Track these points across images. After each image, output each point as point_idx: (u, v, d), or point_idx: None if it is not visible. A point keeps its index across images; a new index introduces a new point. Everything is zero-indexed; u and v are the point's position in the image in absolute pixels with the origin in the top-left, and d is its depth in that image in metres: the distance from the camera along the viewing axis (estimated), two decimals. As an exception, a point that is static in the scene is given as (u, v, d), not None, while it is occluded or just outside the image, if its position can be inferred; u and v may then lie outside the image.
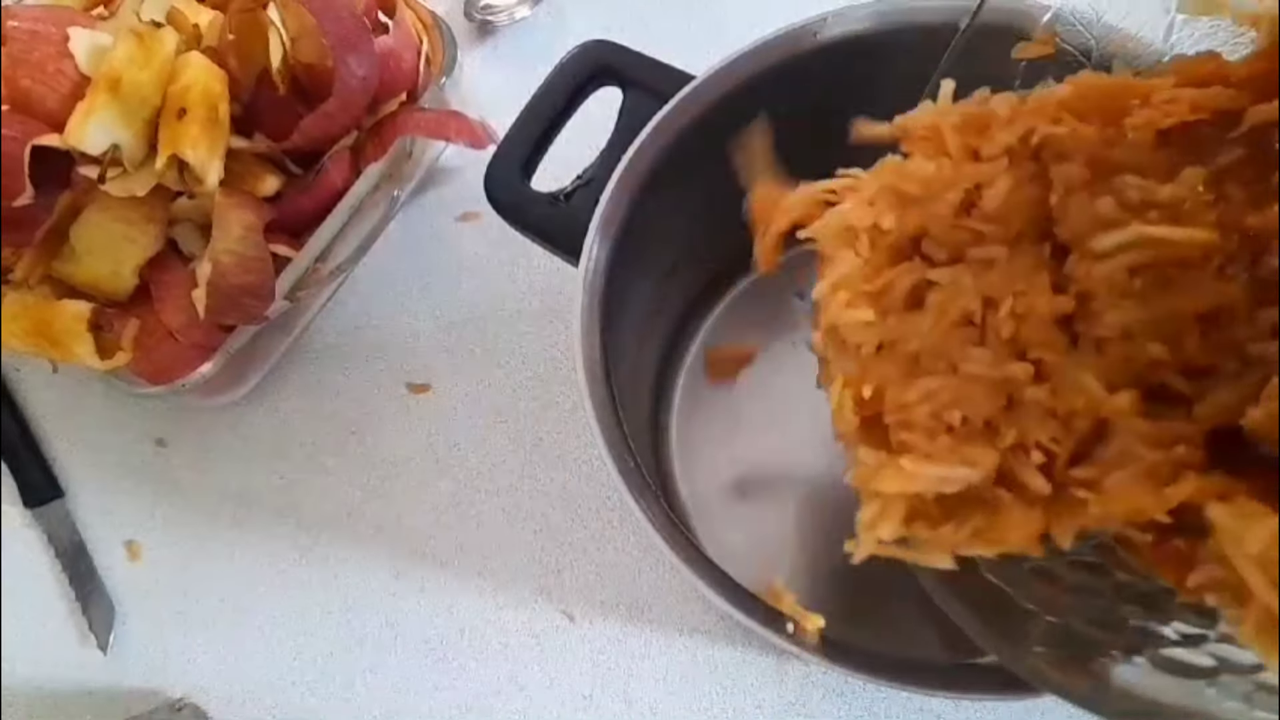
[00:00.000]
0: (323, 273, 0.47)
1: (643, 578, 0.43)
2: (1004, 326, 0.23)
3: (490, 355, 0.49)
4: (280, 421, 0.49)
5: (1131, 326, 0.22)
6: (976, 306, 0.23)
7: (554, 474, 0.46)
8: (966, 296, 0.23)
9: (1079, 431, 0.22)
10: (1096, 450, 0.22)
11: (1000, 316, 0.23)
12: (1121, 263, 0.22)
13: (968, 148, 0.25)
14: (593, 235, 0.35)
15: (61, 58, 0.41)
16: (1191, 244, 0.22)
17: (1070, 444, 0.22)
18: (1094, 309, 0.23)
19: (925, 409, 0.23)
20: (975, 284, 0.23)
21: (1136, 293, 0.22)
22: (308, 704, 0.43)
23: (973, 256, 0.24)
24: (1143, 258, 0.22)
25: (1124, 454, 0.22)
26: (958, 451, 0.23)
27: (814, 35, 0.36)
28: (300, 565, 0.46)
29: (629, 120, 0.38)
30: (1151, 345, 0.22)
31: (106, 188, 0.41)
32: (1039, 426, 0.22)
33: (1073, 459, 0.23)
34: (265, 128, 0.45)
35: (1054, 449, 0.23)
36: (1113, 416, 0.22)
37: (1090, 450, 0.22)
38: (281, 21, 0.43)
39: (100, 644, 0.45)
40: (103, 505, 0.49)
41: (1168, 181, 0.23)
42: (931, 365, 0.23)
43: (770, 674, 0.41)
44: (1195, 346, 0.22)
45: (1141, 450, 0.22)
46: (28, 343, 0.42)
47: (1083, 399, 0.22)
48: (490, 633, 0.43)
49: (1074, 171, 0.23)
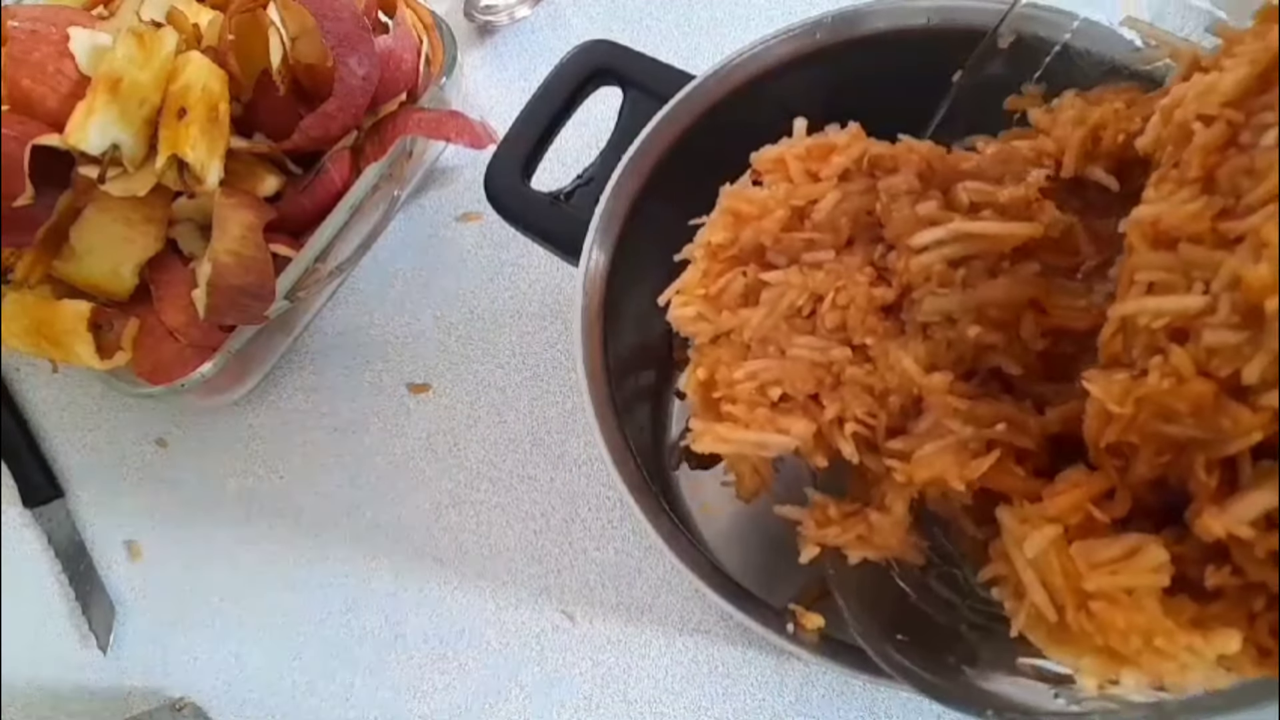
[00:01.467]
0: (323, 273, 0.47)
1: (643, 578, 0.43)
2: (829, 316, 0.27)
3: (490, 355, 0.49)
4: (280, 421, 0.49)
5: (953, 312, 0.26)
6: (804, 301, 0.27)
7: (554, 474, 0.46)
8: (794, 292, 0.28)
9: (894, 407, 0.26)
10: (912, 425, 0.26)
11: (824, 309, 0.27)
12: (940, 255, 0.26)
13: (809, 172, 0.29)
14: (593, 235, 0.35)
15: (61, 58, 0.41)
16: (1013, 237, 0.25)
17: (885, 418, 0.26)
18: (914, 298, 0.26)
19: (749, 386, 0.27)
20: (803, 282, 0.28)
21: (959, 282, 0.26)
22: (308, 704, 0.43)
23: (805, 260, 0.28)
24: (964, 250, 0.26)
25: (935, 428, 0.25)
26: (774, 421, 0.27)
27: (814, 35, 0.36)
28: (300, 565, 0.46)
29: (629, 120, 0.38)
30: (971, 328, 0.25)
31: (106, 188, 0.41)
32: (856, 401, 0.26)
33: (891, 433, 0.26)
34: (265, 128, 0.45)
35: (871, 422, 0.26)
36: (927, 394, 0.25)
37: (908, 425, 0.26)
38: (281, 21, 0.43)
39: (100, 644, 0.45)
40: (103, 505, 0.49)
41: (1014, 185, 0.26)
42: (761, 351, 0.27)
43: (770, 674, 0.41)
44: (1032, 334, 0.25)
45: (953, 425, 0.25)
46: (28, 342, 0.42)
47: (897, 377, 0.26)
48: (490, 633, 0.43)
49: (898, 182, 0.27)
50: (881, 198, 0.28)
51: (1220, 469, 0.20)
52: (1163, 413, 0.21)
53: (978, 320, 0.25)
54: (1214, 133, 0.21)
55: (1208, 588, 0.21)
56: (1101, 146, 0.27)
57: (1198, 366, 0.20)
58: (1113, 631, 0.20)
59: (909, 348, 0.26)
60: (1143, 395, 0.21)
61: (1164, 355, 0.21)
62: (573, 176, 0.39)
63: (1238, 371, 0.19)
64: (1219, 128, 0.21)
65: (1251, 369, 0.19)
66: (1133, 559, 0.21)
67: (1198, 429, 0.20)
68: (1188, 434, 0.20)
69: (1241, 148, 0.21)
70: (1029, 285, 0.26)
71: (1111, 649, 0.21)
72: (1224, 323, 0.20)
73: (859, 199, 0.28)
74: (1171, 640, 0.20)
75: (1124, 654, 0.20)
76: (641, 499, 0.31)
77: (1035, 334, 0.26)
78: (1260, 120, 0.21)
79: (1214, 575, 0.20)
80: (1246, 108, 0.21)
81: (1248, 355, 0.19)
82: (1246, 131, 0.21)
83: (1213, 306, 0.20)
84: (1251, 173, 0.20)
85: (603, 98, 0.40)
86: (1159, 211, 0.22)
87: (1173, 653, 0.20)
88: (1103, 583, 0.21)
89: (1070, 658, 0.21)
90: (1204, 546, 0.21)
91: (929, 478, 0.25)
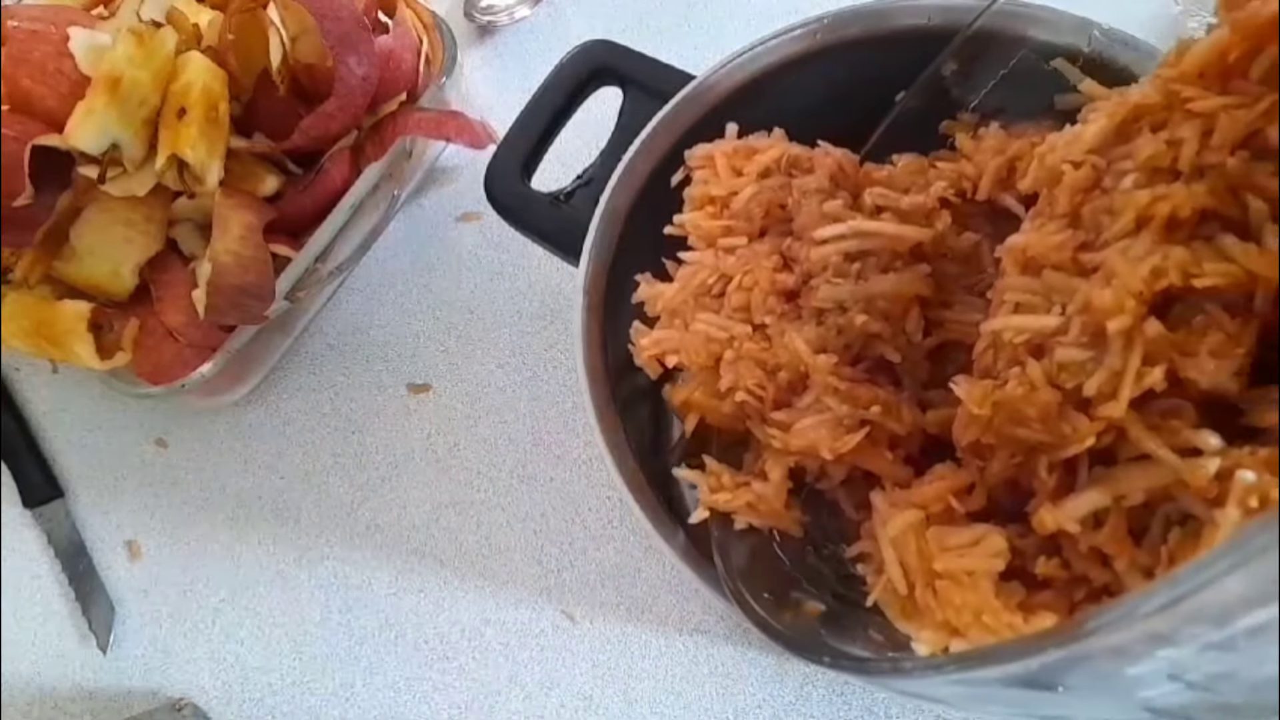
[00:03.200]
0: (322, 273, 0.47)
1: (642, 578, 0.43)
2: (735, 297, 0.30)
3: (490, 355, 0.49)
4: (281, 421, 0.49)
5: (845, 301, 0.29)
6: (714, 280, 0.31)
7: (554, 474, 0.46)
8: (705, 272, 0.31)
9: (782, 382, 0.29)
10: (796, 400, 0.29)
11: (731, 288, 0.30)
12: (839, 249, 0.29)
13: (733, 168, 0.32)
14: (593, 236, 0.35)
15: (61, 58, 0.41)
16: (906, 239, 0.29)
17: (774, 391, 0.29)
18: (812, 285, 0.29)
19: (652, 353, 0.31)
20: (714, 264, 0.31)
21: (853, 274, 0.29)
22: (308, 704, 0.43)
23: (720, 245, 0.31)
24: (860, 246, 0.29)
25: (815, 404, 0.28)
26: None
27: (814, 35, 0.36)
28: (300, 565, 0.46)
29: (629, 120, 0.38)
30: (859, 316, 0.28)
31: (106, 188, 0.41)
32: (748, 374, 0.29)
33: (777, 405, 0.29)
34: (265, 128, 0.45)
35: (759, 393, 0.29)
36: (812, 372, 0.28)
37: (793, 400, 0.29)
38: (281, 21, 0.43)
39: (100, 644, 0.45)
40: (103, 505, 0.49)
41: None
42: (667, 322, 0.31)
43: (770, 674, 0.41)
44: (915, 327, 0.29)
45: (831, 403, 0.28)
46: (28, 343, 0.42)
47: (789, 355, 0.29)
48: (490, 633, 0.43)
49: (810, 181, 0.31)
50: (794, 194, 0.31)
51: (1061, 471, 0.23)
52: (1014, 417, 0.23)
53: (866, 310, 0.28)
54: (1080, 175, 0.25)
55: (1037, 577, 0.23)
56: (1015, 176, 0.29)
57: (1049, 379, 0.23)
58: (950, 607, 0.23)
59: (802, 330, 0.29)
60: (998, 400, 0.24)
61: (1022, 367, 0.24)
62: (572, 177, 0.39)
63: (1080, 385, 0.22)
64: (1085, 171, 0.24)
65: (1092, 383, 0.22)
66: (977, 545, 0.24)
67: (1043, 433, 0.23)
68: (1035, 437, 0.23)
69: (1104, 190, 0.24)
70: (917, 283, 0.28)
71: (948, 622, 0.23)
72: (1074, 341, 0.22)
73: (773, 193, 0.31)
74: (997, 618, 0.23)
75: (957, 627, 0.23)
76: (642, 499, 0.31)
77: (918, 327, 0.29)
78: (1120, 167, 0.24)
79: (1044, 565, 0.23)
80: (1107, 155, 0.24)
81: (1090, 371, 0.22)
82: (1109, 177, 0.24)
83: (1065, 327, 0.23)
84: (1111, 212, 0.23)
85: (602, 98, 0.40)
86: (1029, 240, 0.25)
87: (996, 629, 0.23)
88: (949, 564, 0.23)
89: (914, 629, 0.24)
90: (1041, 542, 0.24)
91: (802, 447, 0.28)
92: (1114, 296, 0.21)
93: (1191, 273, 0.21)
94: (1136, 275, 0.21)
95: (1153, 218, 0.22)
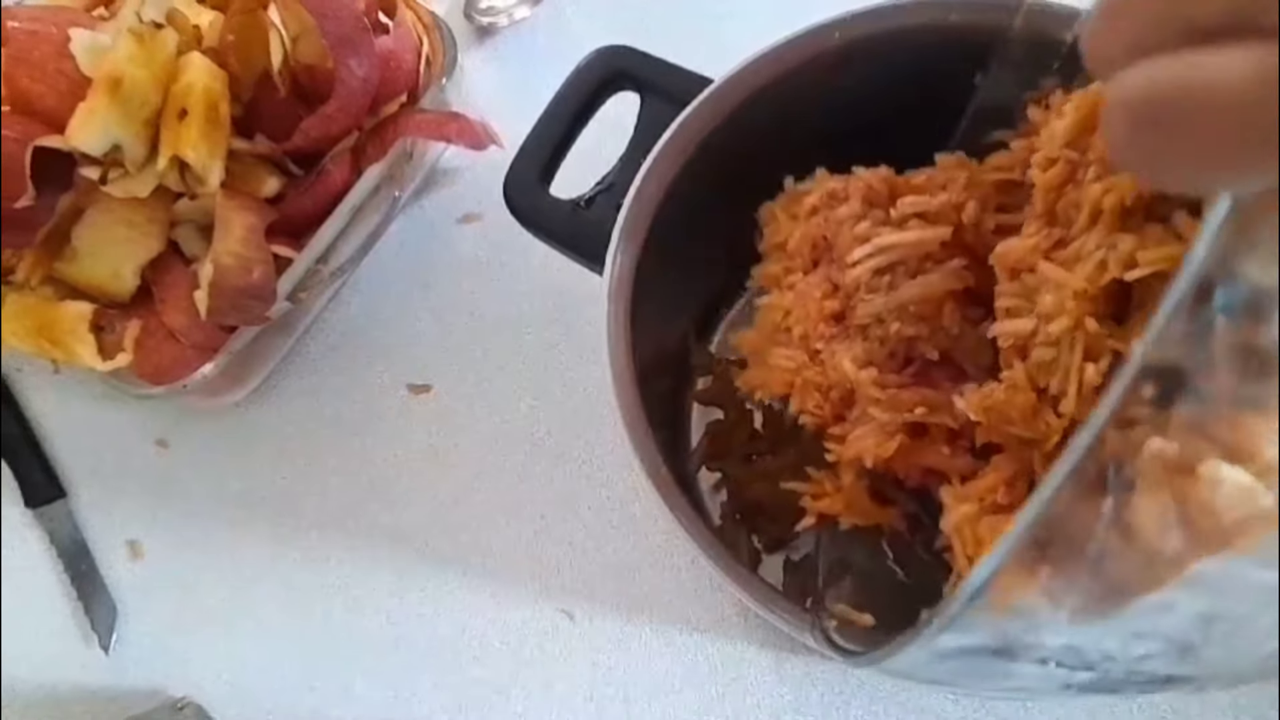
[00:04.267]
0: (324, 274, 0.47)
1: (643, 577, 0.43)
2: (795, 329, 0.33)
3: (490, 356, 0.49)
4: (282, 422, 0.49)
5: (881, 313, 0.30)
6: (780, 318, 0.33)
7: (554, 474, 0.46)
8: (774, 312, 0.34)
9: (835, 400, 0.31)
10: (849, 414, 0.31)
11: (791, 322, 0.33)
12: (868, 267, 0.30)
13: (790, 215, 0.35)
14: (616, 243, 0.35)
15: (62, 58, 0.41)
16: (925, 242, 0.30)
17: (829, 409, 0.32)
18: (852, 305, 0.31)
19: (747, 391, 0.35)
20: (779, 301, 0.34)
21: (885, 287, 0.30)
22: (308, 704, 0.44)
23: (784, 284, 0.34)
24: (887, 260, 0.30)
25: (863, 415, 0.30)
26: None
27: (835, 36, 0.36)
28: (301, 565, 0.46)
29: (648, 125, 0.38)
30: (894, 324, 0.30)
31: (108, 189, 0.41)
32: (809, 397, 0.32)
33: (836, 420, 0.32)
34: (266, 129, 0.45)
35: (819, 414, 0.32)
36: (857, 388, 0.30)
37: (847, 414, 0.31)
38: (282, 22, 0.43)
39: (102, 644, 0.46)
40: (104, 505, 0.49)
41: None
42: (755, 361, 0.35)
43: (770, 673, 0.41)
44: (952, 320, 0.30)
45: (874, 413, 0.29)
46: (29, 343, 0.42)
47: (838, 375, 0.31)
48: (490, 633, 0.43)
49: (843, 211, 0.32)
50: (831, 226, 0.33)
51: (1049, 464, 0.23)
52: (1003, 418, 0.25)
53: (899, 317, 0.30)
54: (1053, 173, 0.25)
55: None
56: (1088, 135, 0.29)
57: (1030, 380, 0.24)
58: None
59: (850, 348, 0.31)
60: (989, 405, 0.25)
61: (1010, 369, 0.25)
62: (587, 182, 0.39)
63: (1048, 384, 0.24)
64: (1059, 168, 0.25)
65: (1055, 382, 0.23)
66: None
67: (1027, 430, 0.24)
68: (1024, 435, 0.25)
69: (1077, 184, 0.24)
70: (947, 280, 0.30)
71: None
72: (1043, 342, 0.24)
73: (816, 229, 0.33)
74: None
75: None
76: (674, 502, 0.31)
77: (954, 321, 0.30)
78: (1085, 159, 0.24)
79: None
80: (1081, 146, 0.25)
81: (1054, 370, 0.23)
82: (1083, 169, 0.24)
83: (1037, 329, 0.24)
84: (1078, 206, 0.24)
85: (610, 102, 0.40)
86: (1010, 245, 0.26)
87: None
88: None
89: None
90: None
91: (852, 456, 0.30)
92: (1054, 300, 0.23)
93: (1131, 263, 0.22)
94: (1077, 276, 0.23)
95: (1104, 210, 0.23)
